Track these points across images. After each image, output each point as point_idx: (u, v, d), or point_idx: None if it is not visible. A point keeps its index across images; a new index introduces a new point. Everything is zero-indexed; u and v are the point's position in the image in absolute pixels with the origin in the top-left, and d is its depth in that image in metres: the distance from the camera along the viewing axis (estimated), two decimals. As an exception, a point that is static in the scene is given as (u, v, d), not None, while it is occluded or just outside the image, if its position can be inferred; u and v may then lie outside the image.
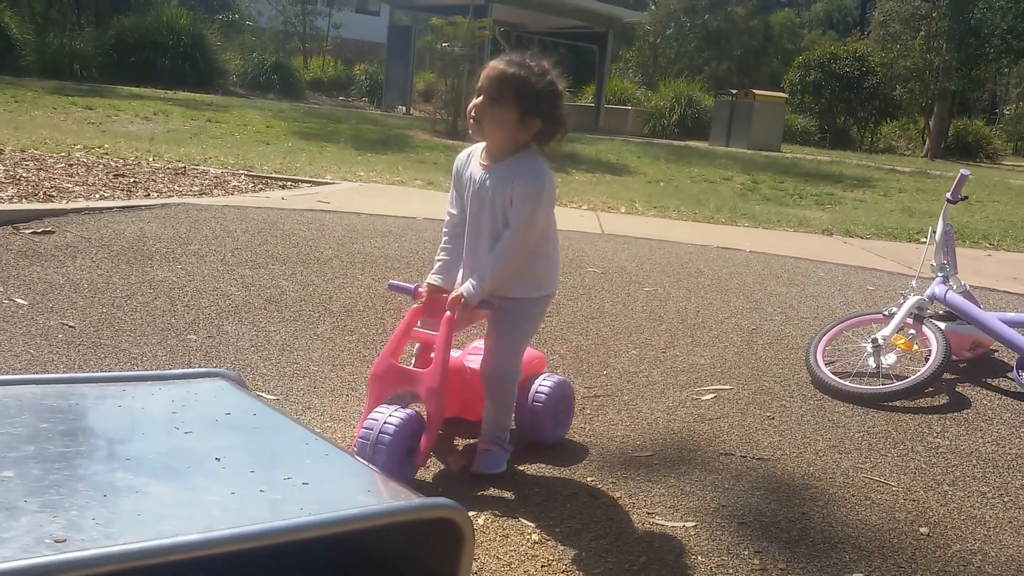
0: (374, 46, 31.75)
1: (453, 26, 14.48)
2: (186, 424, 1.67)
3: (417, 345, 2.56)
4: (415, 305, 2.49)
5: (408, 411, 2.31)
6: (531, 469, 2.50)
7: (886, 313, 3.60)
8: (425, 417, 2.35)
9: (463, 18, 14.52)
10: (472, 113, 2.29)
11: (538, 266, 2.42)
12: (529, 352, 2.62)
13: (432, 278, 2.47)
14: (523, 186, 2.27)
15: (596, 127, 22.54)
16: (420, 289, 2.51)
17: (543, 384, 2.63)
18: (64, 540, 1.13)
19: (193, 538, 1.16)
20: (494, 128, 2.28)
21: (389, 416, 2.27)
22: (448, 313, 2.35)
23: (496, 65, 2.27)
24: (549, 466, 2.53)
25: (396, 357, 2.44)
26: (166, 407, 1.77)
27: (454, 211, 2.46)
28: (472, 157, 2.42)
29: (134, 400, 1.79)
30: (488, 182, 2.33)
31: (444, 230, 2.51)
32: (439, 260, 2.49)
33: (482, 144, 2.39)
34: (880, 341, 3.45)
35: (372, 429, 2.25)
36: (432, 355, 2.38)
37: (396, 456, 2.22)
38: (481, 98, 2.27)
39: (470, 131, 2.35)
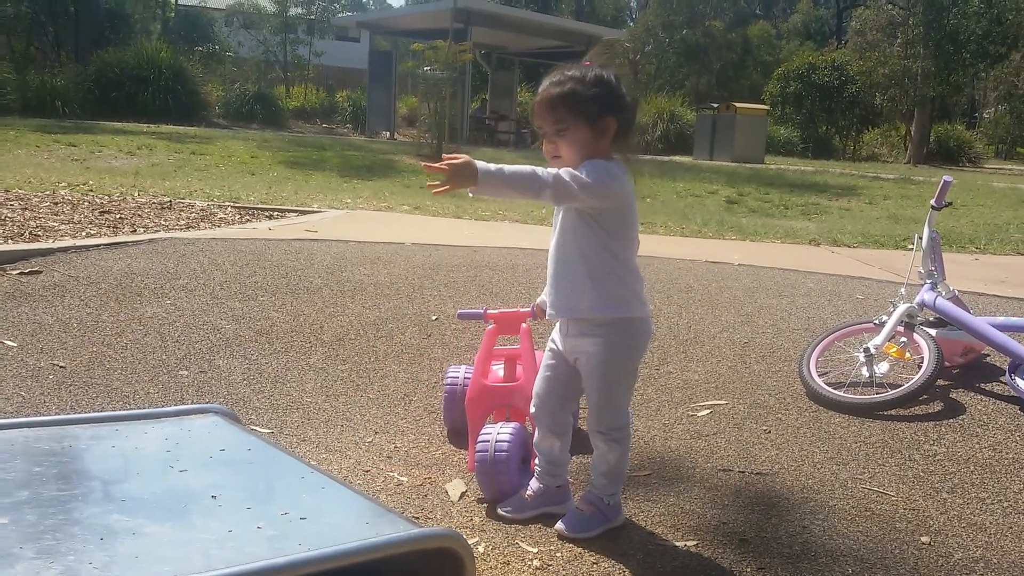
0: (356, 72, 31.94)
1: (434, 50, 14.57)
2: (181, 462, 1.66)
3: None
4: (489, 327, 2.71)
5: (514, 424, 2.44)
6: (529, 493, 2.48)
7: (877, 322, 3.61)
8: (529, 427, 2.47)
9: (443, 42, 14.60)
10: (549, 154, 2.10)
11: (607, 282, 2.11)
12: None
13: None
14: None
15: (580, 145, 22.57)
16: (490, 312, 2.72)
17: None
18: (62, 587, 1.12)
19: (192, 580, 1.14)
20: (572, 153, 2.07)
21: (499, 432, 2.39)
22: (524, 322, 2.55)
23: (540, 97, 2.09)
24: (547, 489, 2.51)
25: (486, 378, 2.63)
26: (160, 446, 1.76)
27: None
28: None
29: (128, 440, 1.77)
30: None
31: None
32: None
33: None
34: (872, 350, 3.46)
35: (487, 447, 2.36)
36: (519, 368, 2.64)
37: (513, 467, 2.37)
38: (546, 135, 2.10)
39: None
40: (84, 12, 24.21)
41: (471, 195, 2.04)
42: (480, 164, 1.97)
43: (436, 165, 1.97)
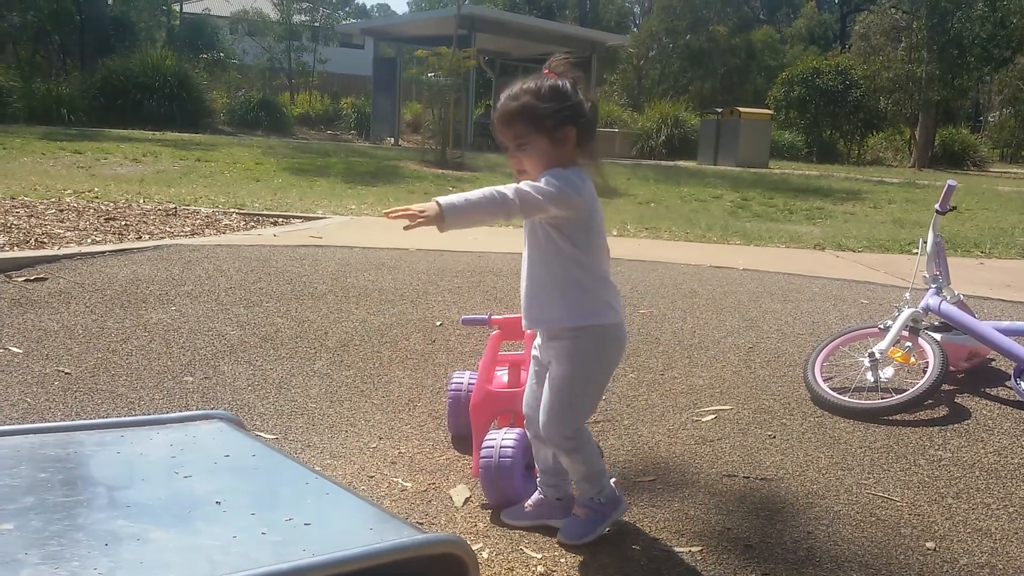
0: (360, 79, 31.98)
1: (438, 57, 14.59)
2: (185, 468, 1.67)
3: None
4: (494, 332, 2.73)
5: (518, 430, 2.45)
6: (534, 498, 2.48)
7: (882, 327, 3.61)
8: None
9: (447, 48, 14.63)
10: (514, 168, 2.12)
11: (574, 293, 2.10)
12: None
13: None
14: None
15: (584, 151, 22.60)
16: (494, 317, 2.74)
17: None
18: (67, 593, 1.12)
19: (196, 586, 1.14)
20: (535, 166, 2.07)
21: (503, 438, 2.41)
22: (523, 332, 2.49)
23: (498, 113, 2.10)
24: (552, 494, 2.51)
25: (491, 384, 2.63)
26: (165, 452, 1.76)
27: None
28: None
29: (133, 446, 1.78)
30: None
31: None
32: None
33: None
34: (877, 355, 3.45)
35: (491, 452, 2.38)
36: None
37: (517, 473, 2.38)
38: (508, 149, 2.11)
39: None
40: (89, 20, 24.30)
41: (441, 233, 2.03)
42: (443, 200, 1.96)
43: (399, 211, 1.96)
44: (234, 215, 7.72)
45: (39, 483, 1.51)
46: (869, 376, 3.45)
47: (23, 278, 4.67)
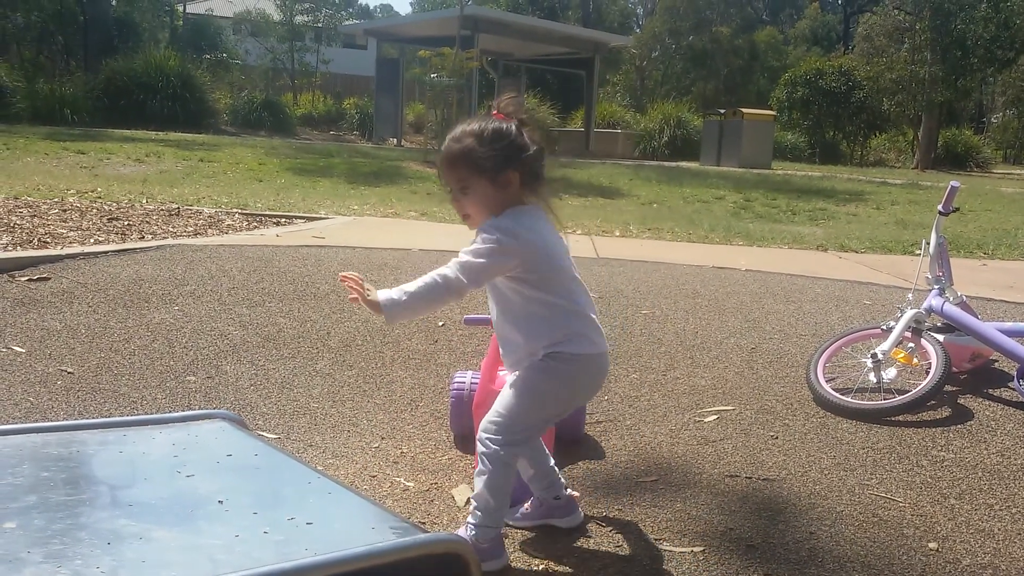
0: (363, 80, 32.00)
1: (441, 57, 14.61)
2: (188, 467, 1.67)
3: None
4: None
5: None
6: (536, 498, 2.49)
7: (884, 327, 3.60)
8: None
9: (450, 49, 14.64)
10: (458, 212, 2.09)
11: (539, 331, 2.06)
12: None
13: None
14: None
15: (587, 151, 22.68)
16: None
17: None
18: (69, 592, 1.12)
19: (198, 584, 1.15)
20: (478, 211, 2.05)
21: None
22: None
23: (442, 154, 2.07)
24: (554, 494, 2.51)
25: (494, 384, 2.51)
26: (167, 451, 1.77)
27: None
28: None
29: (135, 445, 1.78)
30: None
31: None
32: None
33: None
34: (880, 356, 3.45)
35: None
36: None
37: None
38: (451, 193, 2.08)
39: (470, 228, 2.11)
40: (93, 21, 24.35)
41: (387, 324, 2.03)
42: (383, 297, 1.96)
43: (351, 281, 1.97)
44: (237, 215, 7.73)
45: (42, 482, 1.52)
46: (872, 377, 3.45)
47: (26, 278, 4.67)
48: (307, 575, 1.25)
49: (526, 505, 2.33)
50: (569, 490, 2.32)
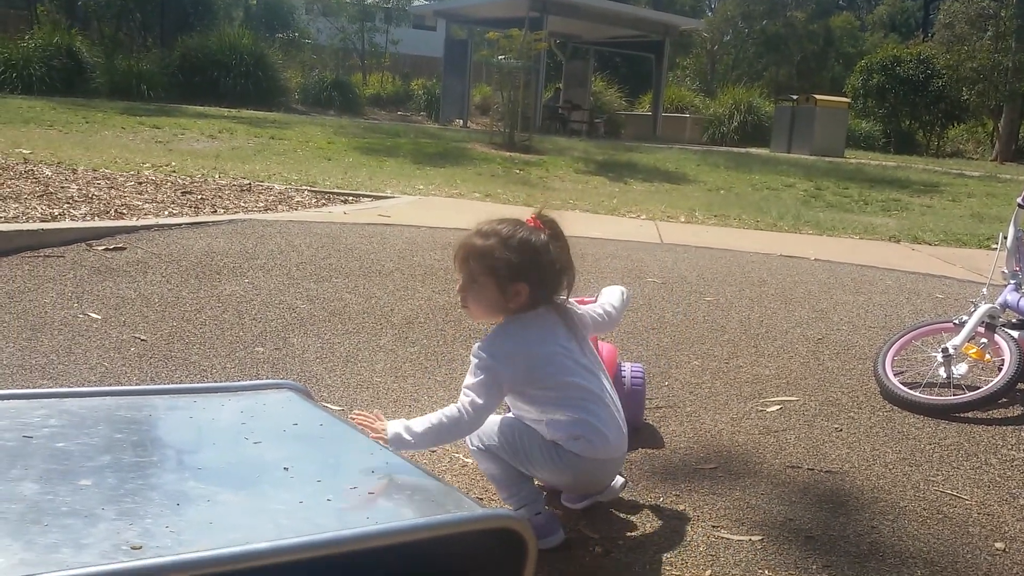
0: (431, 61, 32.12)
1: (509, 39, 14.57)
2: (255, 434, 1.71)
3: None
4: None
5: (639, 365, 2.59)
6: (593, 480, 2.48)
7: (956, 322, 3.51)
8: None
9: (519, 31, 14.60)
10: (461, 298, 2.08)
11: (545, 435, 2.07)
12: (603, 346, 2.67)
13: None
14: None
15: (654, 136, 22.47)
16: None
17: (635, 369, 2.78)
18: (140, 547, 1.16)
19: (263, 546, 1.18)
20: (479, 308, 2.07)
21: (632, 367, 2.61)
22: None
23: (463, 241, 2.05)
24: (612, 477, 2.51)
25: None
26: (235, 418, 1.81)
27: None
28: None
29: (204, 411, 1.83)
30: None
31: None
32: None
33: None
34: (951, 350, 3.37)
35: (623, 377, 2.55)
36: None
37: (643, 401, 2.59)
38: (460, 280, 2.07)
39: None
40: (170, -1, 24.86)
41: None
42: (391, 431, 1.91)
43: (362, 419, 1.95)
44: (306, 192, 7.84)
45: (115, 443, 1.57)
46: (941, 372, 3.37)
47: (103, 247, 4.82)
48: (368, 543, 1.27)
49: None
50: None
